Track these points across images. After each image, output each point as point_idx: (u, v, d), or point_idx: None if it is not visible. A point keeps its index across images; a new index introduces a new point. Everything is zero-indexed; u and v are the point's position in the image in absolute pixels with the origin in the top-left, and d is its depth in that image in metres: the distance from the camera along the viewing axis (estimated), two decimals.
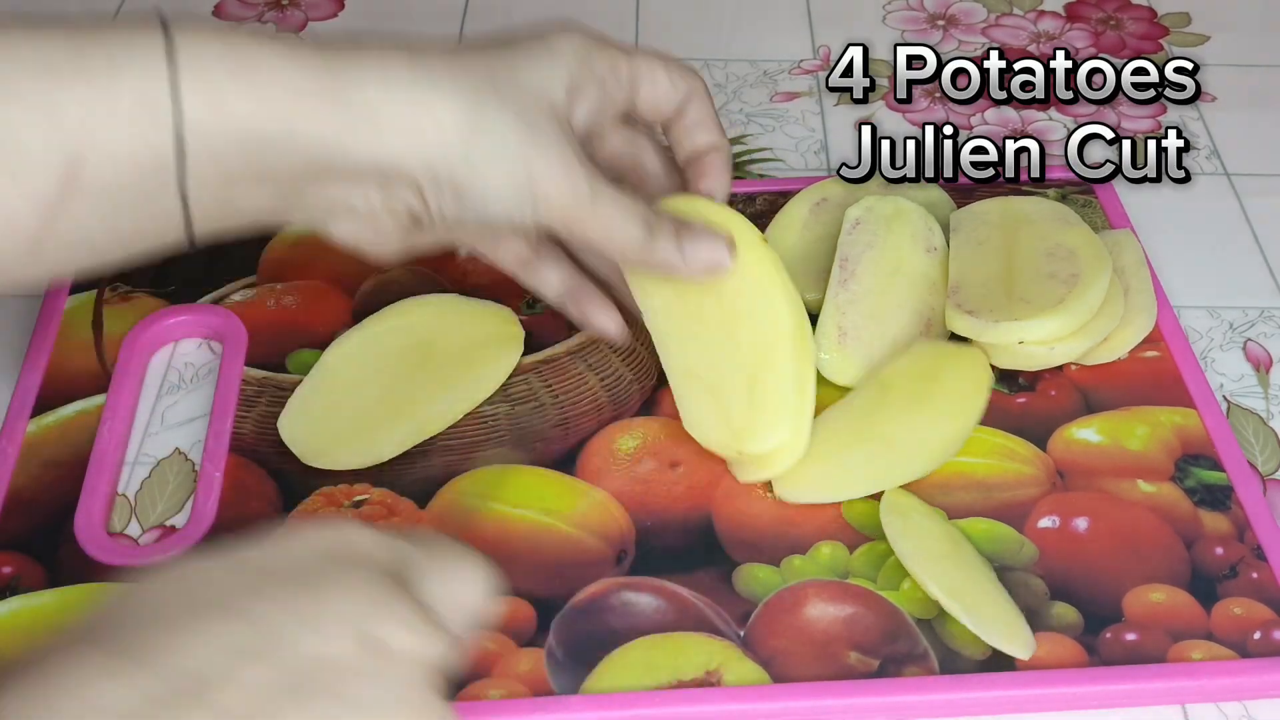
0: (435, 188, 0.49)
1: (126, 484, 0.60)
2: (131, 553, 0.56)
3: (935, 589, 0.52)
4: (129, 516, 0.58)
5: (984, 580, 0.54)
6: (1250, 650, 0.53)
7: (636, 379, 0.62)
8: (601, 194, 0.51)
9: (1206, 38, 0.87)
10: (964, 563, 0.54)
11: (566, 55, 0.52)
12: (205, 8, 0.89)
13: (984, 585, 0.53)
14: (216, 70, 0.45)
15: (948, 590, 0.52)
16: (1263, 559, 0.56)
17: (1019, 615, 0.53)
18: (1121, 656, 0.53)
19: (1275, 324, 0.68)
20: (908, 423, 0.59)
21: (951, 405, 0.59)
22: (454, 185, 0.49)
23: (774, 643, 0.53)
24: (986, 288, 0.61)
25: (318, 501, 0.57)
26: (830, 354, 0.61)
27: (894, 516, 0.55)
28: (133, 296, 0.66)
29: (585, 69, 0.53)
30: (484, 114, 0.49)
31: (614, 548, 0.56)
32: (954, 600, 0.52)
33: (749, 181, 0.74)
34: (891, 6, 0.89)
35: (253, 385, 0.62)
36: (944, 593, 0.52)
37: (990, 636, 0.51)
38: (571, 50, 0.53)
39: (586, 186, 0.51)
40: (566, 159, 0.51)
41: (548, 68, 0.52)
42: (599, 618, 0.53)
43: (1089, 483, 0.58)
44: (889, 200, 0.65)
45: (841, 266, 0.62)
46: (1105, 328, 0.61)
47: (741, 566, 0.55)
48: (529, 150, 0.50)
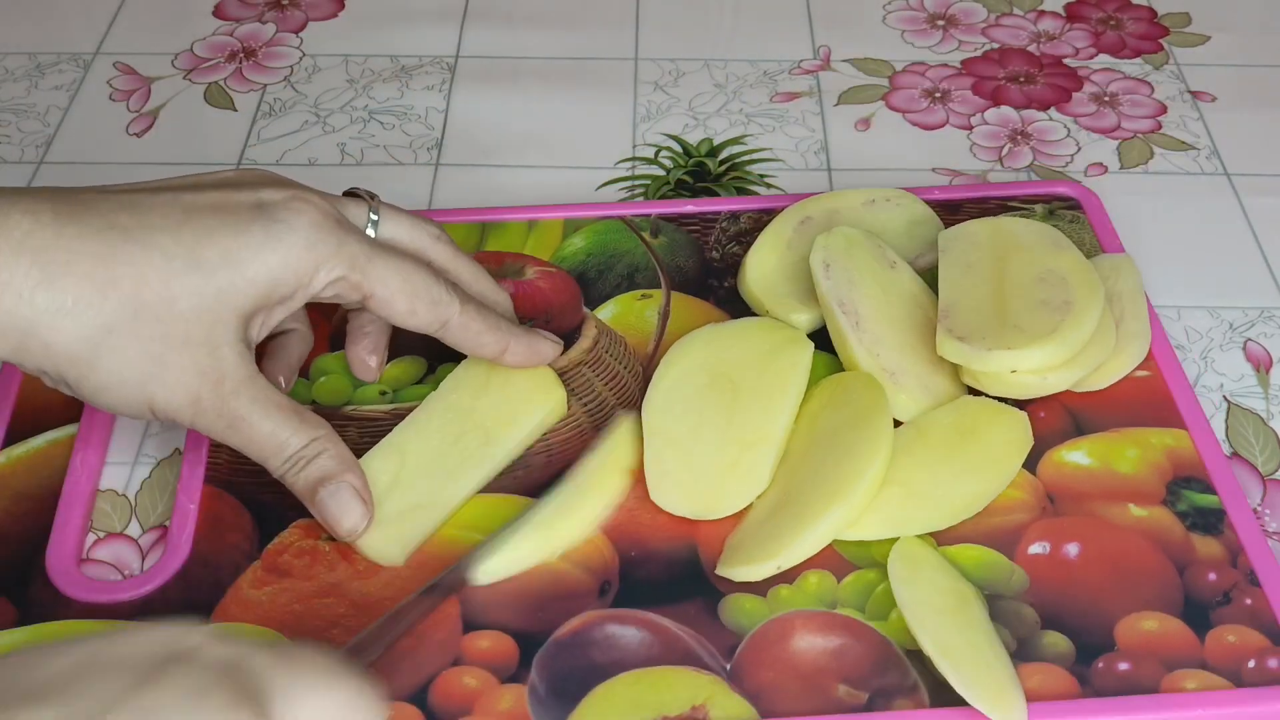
0: (58, 384, 0.51)
1: (126, 484, 0.59)
2: (105, 589, 0.55)
3: (928, 643, 0.51)
4: (129, 516, 0.58)
5: (983, 642, 0.52)
6: (1245, 679, 0.52)
7: (620, 404, 0.61)
8: (237, 424, 0.52)
9: (1206, 38, 0.86)
10: (966, 622, 0.53)
11: (259, 278, 0.51)
12: (206, 7, 0.88)
13: (981, 647, 0.52)
14: None
15: (940, 647, 0.51)
16: (1256, 584, 0.55)
17: (1014, 683, 0.51)
18: (1114, 687, 0.52)
19: (1275, 324, 0.68)
20: (935, 473, 0.57)
21: (983, 463, 0.58)
22: (68, 388, 0.51)
23: (762, 676, 0.52)
24: (978, 313, 0.60)
25: (295, 534, 0.56)
26: (891, 398, 0.59)
27: (902, 564, 0.54)
28: None
29: (285, 285, 0.52)
30: (105, 351, 0.49)
31: (597, 579, 0.55)
32: (943, 656, 0.51)
33: (733, 199, 0.73)
34: (891, 6, 0.89)
35: None
36: (936, 649, 0.51)
37: (976, 699, 0.50)
38: (269, 270, 0.51)
39: (215, 416, 0.51)
40: (193, 391, 0.51)
41: (226, 292, 0.51)
42: (582, 652, 0.52)
43: (1079, 507, 0.57)
44: (835, 234, 0.63)
45: (844, 312, 0.61)
46: (1098, 357, 0.60)
47: (728, 597, 0.54)
48: (150, 384, 0.50)
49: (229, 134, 0.79)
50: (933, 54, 0.85)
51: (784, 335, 0.62)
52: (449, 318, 0.56)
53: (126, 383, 0.50)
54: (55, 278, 0.48)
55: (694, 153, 0.78)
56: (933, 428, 0.59)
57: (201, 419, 0.52)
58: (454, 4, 0.89)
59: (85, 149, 0.78)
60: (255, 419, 0.52)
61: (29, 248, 0.48)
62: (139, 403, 0.51)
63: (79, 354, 0.49)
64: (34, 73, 0.83)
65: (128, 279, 0.49)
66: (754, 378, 0.60)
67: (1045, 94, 0.82)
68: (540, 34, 0.87)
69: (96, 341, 0.49)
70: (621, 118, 0.80)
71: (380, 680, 0.43)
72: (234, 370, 0.51)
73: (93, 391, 0.50)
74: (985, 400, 0.60)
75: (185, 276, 0.50)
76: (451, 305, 0.56)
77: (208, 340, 0.51)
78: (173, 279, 0.50)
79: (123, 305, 0.49)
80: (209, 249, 0.50)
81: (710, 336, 0.62)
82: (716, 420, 0.59)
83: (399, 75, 0.83)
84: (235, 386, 0.51)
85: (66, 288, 0.48)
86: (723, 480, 0.57)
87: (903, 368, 0.60)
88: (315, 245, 0.52)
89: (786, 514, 0.55)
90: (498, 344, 0.58)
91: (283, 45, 0.86)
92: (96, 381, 0.50)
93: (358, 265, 0.53)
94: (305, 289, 0.53)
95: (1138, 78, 0.83)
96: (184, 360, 0.50)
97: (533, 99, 0.82)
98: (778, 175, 0.76)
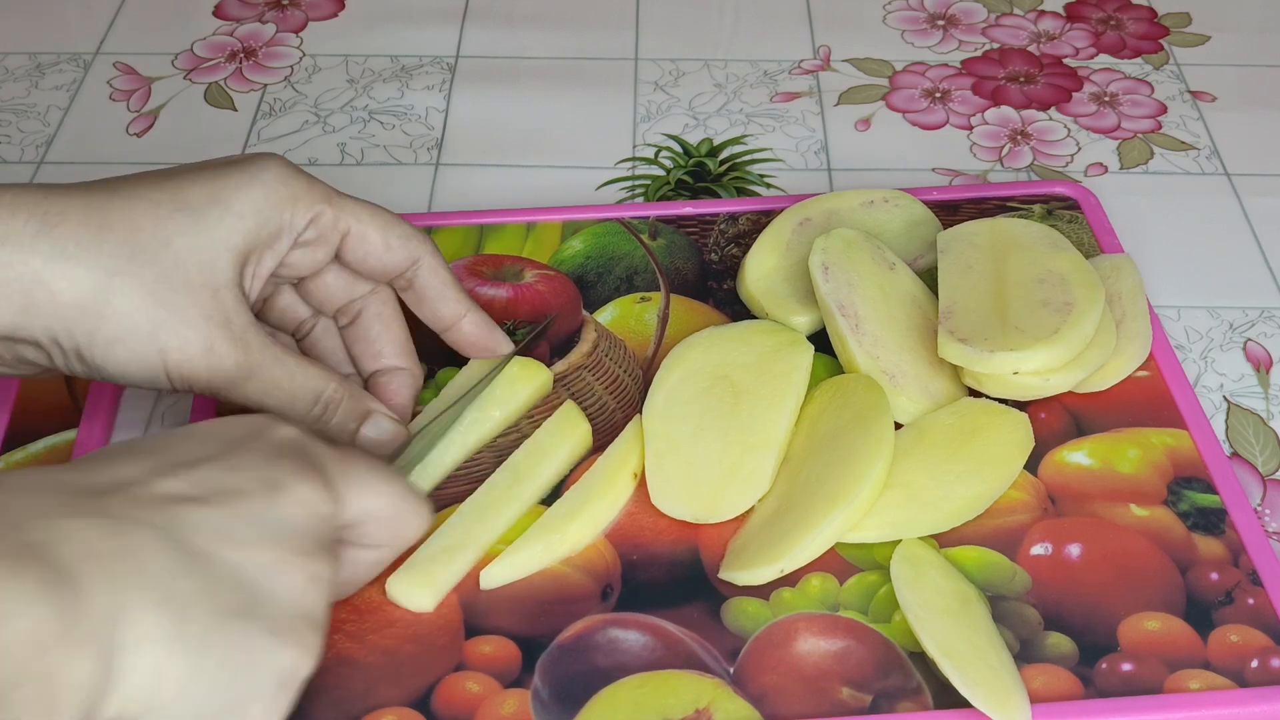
0: (59, 353, 0.50)
1: None
2: None
3: (931, 645, 0.51)
4: None
5: (985, 644, 0.52)
6: (1248, 679, 0.52)
7: (620, 407, 0.61)
8: (256, 371, 0.52)
9: (1206, 38, 0.86)
10: (969, 624, 0.53)
11: (246, 211, 0.51)
12: (206, 7, 0.88)
13: (984, 649, 0.52)
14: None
15: (943, 649, 0.51)
16: (1259, 584, 0.55)
17: (1017, 684, 0.51)
18: (1118, 688, 0.52)
19: (1275, 324, 0.68)
20: (937, 475, 0.57)
21: (985, 465, 0.58)
22: (79, 355, 0.50)
23: (765, 679, 0.52)
24: (979, 315, 0.60)
25: None
26: (892, 400, 0.59)
27: (905, 565, 0.54)
28: None
29: (270, 222, 0.52)
30: (111, 293, 0.49)
31: (599, 583, 0.55)
32: (946, 658, 0.51)
33: (731, 200, 0.73)
34: (891, 6, 0.89)
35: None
36: (939, 651, 0.51)
37: (979, 700, 0.50)
38: (254, 203, 0.52)
39: (231, 365, 0.51)
40: (206, 337, 0.50)
41: (215, 228, 0.51)
42: (585, 656, 0.52)
43: (1081, 507, 0.57)
44: (833, 236, 0.63)
45: (844, 314, 0.61)
46: (1099, 358, 0.60)
47: (730, 600, 0.54)
48: (160, 331, 0.50)
49: (229, 134, 0.79)
50: (933, 54, 0.85)
51: (784, 338, 0.62)
52: (422, 255, 0.56)
53: (137, 333, 0.49)
54: (53, 226, 0.48)
55: (694, 153, 0.77)
56: (934, 430, 0.59)
57: (219, 371, 0.51)
58: (454, 4, 0.89)
59: (85, 149, 0.78)
60: (275, 366, 0.52)
61: (23, 204, 0.48)
62: (152, 357, 0.50)
63: (86, 301, 0.48)
64: (34, 73, 0.83)
65: (120, 225, 0.49)
66: (754, 381, 0.60)
67: (1045, 94, 0.82)
68: (540, 34, 0.87)
69: (102, 285, 0.49)
70: (621, 118, 0.80)
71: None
72: (238, 314, 0.51)
73: (105, 347, 0.49)
74: (986, 402, 0.60)
75: (175, 217, 0.50)
76: (425, 242, 0.57)
77: (207, 283, 0.50)
78: (163, 220, 0.50)
79: (120, 247, 0.49)
80: (193, 192, 0.51)
81: (711, 340, 0.62)
82: (717, 424, 0.59)
83: (399, 75, 0.83)
84: (243, 331, 0.51)
85: (65, 235, 0.48)
86: (724, 484, 0.57)
87: (902, 370, 0.60)
88: (290, 181, 0.53)
89: (789, 518, 0.55)
90: (460, 304, 0.58)
91: (283, 45, 0.86)
92: (108, 333, 0.49)
93: (333, 200, 0.54)
94: (289, 227, 0.53)
95: (1138, 78, 0.83)
96: (187, 302, 0.50)
97: (533, 99, 0.82)
98: (778, 175, 0.76)
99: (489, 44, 0.86)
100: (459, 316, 0.58)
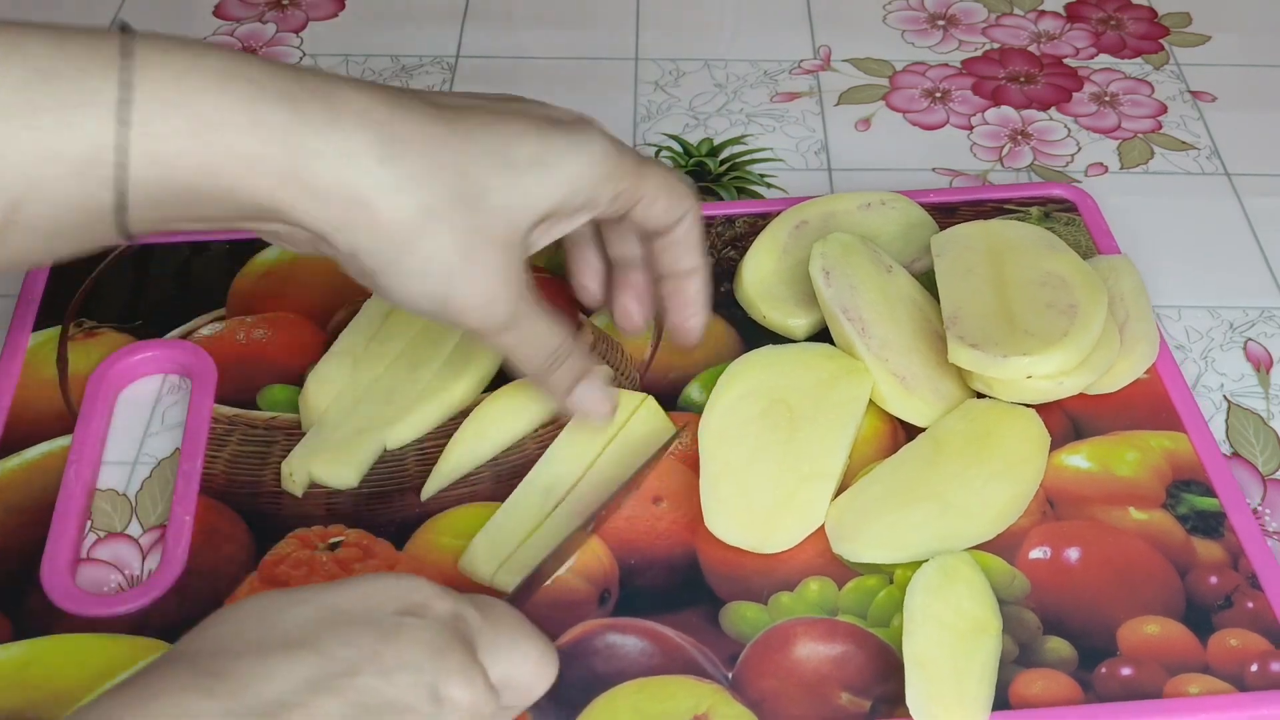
0: (356, 268, 0.49)
1: (127, 484, 0.59)
2: (100, 603, 0.54)
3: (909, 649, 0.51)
4: (129, 516, 0.58)
5: (971, 672, 0.51)
6: (1248, 683, 0.52)
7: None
8: (519, 321, 0.52)
9: (1207, 38, 0.86)
10: (967, 648, 0.51)
11: (562, 180, 0.51)
12: (206, 7, 0.88)
13: (965, 674, 0.51)
14: (168, 126, 0.45)
15: (918, 655, 0.50)
16: (1258, 588, 0.55)
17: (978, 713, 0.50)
18: (1118, 692, 0.52)
19: (1275, 324, 0.68)
20: (966, 483, 0.57)
21: (1010, 467, 0.58)
22: (373, 278, 0.49)
23: (763, 684, 0.52)
24: (986, 319, 0.60)
25: (292, 544, 0.56)
26: (905, 403, 0.59)
27: (938, 573, 0.53)
28: (98, 332, 0.64)
29: (580, 194, 0.52)
30: (424, 234, 0.48)
31: (597, 588, 0.55)
32: (917, 667, 0.50)
33: (727, 203, 0.72)
34: (892, 6, 0.89)
35: (223, 424, 0.60)
36: (912, 656, 0.50)
37: (920, 712, 0.49)
38: (571, 173, 0.51)
39: (503, 316, 0.51)
40: (491, 290, 0.50)
41: (530, 191, 0.50)
42: (584, 661, 0.52)
43: (1080, 511, 0.57)
44: (831, 240, 0.63)
45: (849, 319, 0.60)
46: (1107, 358, 0.60)
47: (728, 605, 0.54)
48: (455, 277, 0.49)
49: None
50: (933, 54, 0.85)
51: (842, 364, 0.61)
52: (690, 209, 0.56)
53: (432, 274, 0.49)
54: (396, 155, 0.48)
55: (694, 153, 0.77)
56: (948, 437, 0.58)
57: (491, 319, 0.51)
58: (454, 4, 0.89)
59: None
60: (533, 319, 0.53)
61: (372, 121, 0.47)
62: (436, 298, 0.50)
63: (401, 234, 0.48)
64: None
65: (451, 166, 0.49)
66: (813, 408, 0.59)
67: (1045, 94, 0.81)
68: (540, 34, 0.87)
69: (419, 223, 0.48)
70: (622, 118, 0.80)
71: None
72: (521, 270, 0.51)
73: (399, 278, 0.49)
74: (992, 402, 0.60)
75: (498, 173, 0.50)
76: (693, 196, 0.56)
77: (506, 241, 0.50)
78: (488, 173, 0.50)
79: (447, 189, 0.49)
80: (519, 150, 0.50)
81: (768, 359, 0.62)
82: (774, 450, 0.58)
83: (399, 75, 0.83)
84: (520, 287, 0.52)
85: (404, 165, 0.48)
86: (779, 514, 0.56)
87: (912, 371, 0.60)
88: (609, 158, 0.52)
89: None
90: (700, 260, 0.57)
91: (283, 45, 0.86)
92: (407, 267, 0.49)
93: (637, 172, 0.54)
94: (594, 203, 0.53)
95: (1138, 78, 0.83)
96: (488, 256, 0.50)
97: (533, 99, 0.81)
98: (778, 175, 0.76)
99: (489, 43, 0.86)
100: (694, 271, 0.58)
